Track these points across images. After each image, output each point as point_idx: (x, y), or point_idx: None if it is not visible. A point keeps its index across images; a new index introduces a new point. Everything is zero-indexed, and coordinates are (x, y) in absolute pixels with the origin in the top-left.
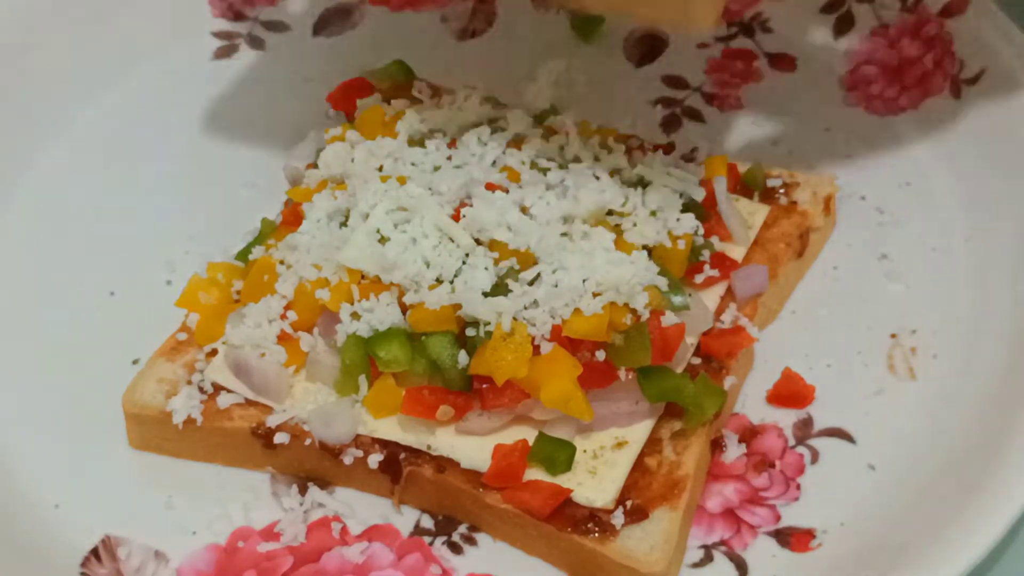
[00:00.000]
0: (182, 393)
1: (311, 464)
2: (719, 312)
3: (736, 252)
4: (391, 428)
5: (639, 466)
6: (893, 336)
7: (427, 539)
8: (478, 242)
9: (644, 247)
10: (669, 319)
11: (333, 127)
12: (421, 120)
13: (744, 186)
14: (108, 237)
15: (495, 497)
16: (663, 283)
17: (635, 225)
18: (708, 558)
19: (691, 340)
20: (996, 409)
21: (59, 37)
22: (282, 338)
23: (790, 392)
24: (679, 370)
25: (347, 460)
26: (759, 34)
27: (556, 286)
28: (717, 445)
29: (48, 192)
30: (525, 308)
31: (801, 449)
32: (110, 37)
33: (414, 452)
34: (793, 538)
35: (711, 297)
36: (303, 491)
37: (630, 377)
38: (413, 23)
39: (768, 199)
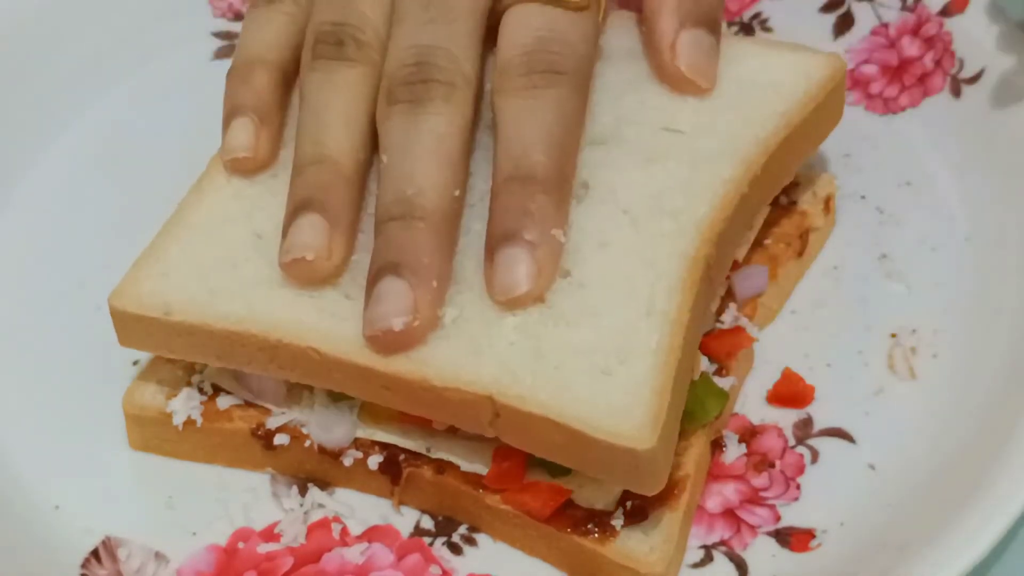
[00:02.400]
0: (182, 394)
1: (311, 465)
2: (719, 312)
3: (736, 252)
4: (390, 431)
5: None
6: (893, 336)
7: (427, 540)
8: None
9: None
10: None
11: None
12: None
13: None
14: (108, 237)
15: (495, 498)
16: None
17: None
18: (708, 558)
19: None
20: (997, 409)
21: (58, 38)
22: None
23: (790, 392)
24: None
25: (347, 461)
26: (759, 33)
27: None
28: (717, 445)
29: (47, 192)
30: None
31: (801, 449)
32: (109, 38)
33: (414, 453)
34: (793, 538)
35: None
36: (303, 492)
37: None
38: None
39: None
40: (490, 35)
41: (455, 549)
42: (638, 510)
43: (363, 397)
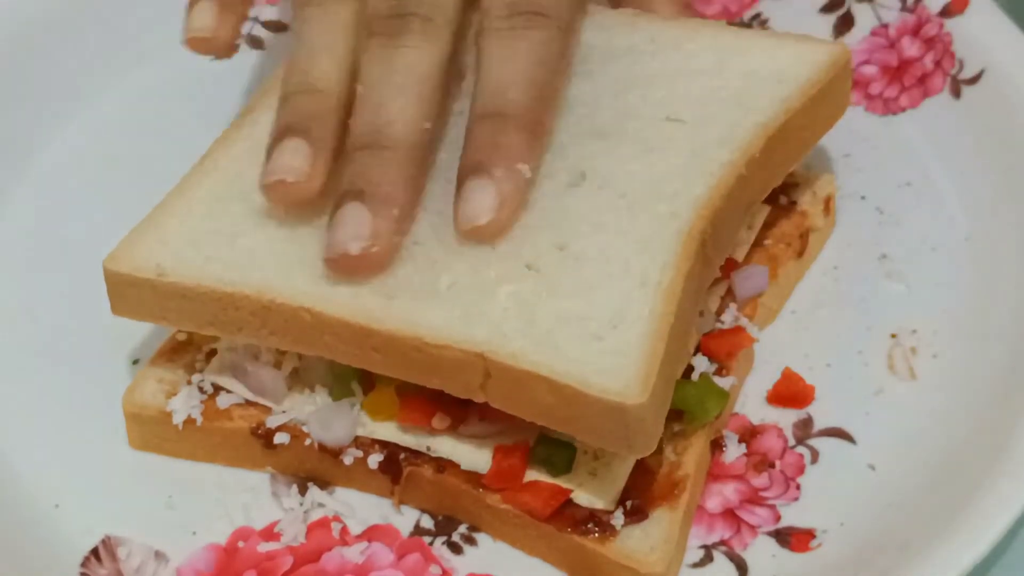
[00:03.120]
0: (182, 393)
1: (311, 464)
2: (719, 312)
3: (736, 252)
4: (390, 430)
5: (639, 466)
6: (893, 336)
7: (427, 539)
8: None
9: None
10: None
11: None
12: None
13: None
14: (109, 236)
15: (495, 498)
16: None
17: None
18: (708, 558)
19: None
20: (997, 409)
21: (59, 38)
22: None
23: (790, 392)
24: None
25: (347, 460)
26: None
27: None
28: (717, 445)
29: (49, 191)
30: None
31: (801, 449)
32: (110, 38)
33: (414, 452)
34: (793, 538)
35: (711, 297)
36: (303, 491)
37: None
38: None
39: (767, 199)
40: None
41: (455, 548)
42: (638, 510)
43: (354, 363)
